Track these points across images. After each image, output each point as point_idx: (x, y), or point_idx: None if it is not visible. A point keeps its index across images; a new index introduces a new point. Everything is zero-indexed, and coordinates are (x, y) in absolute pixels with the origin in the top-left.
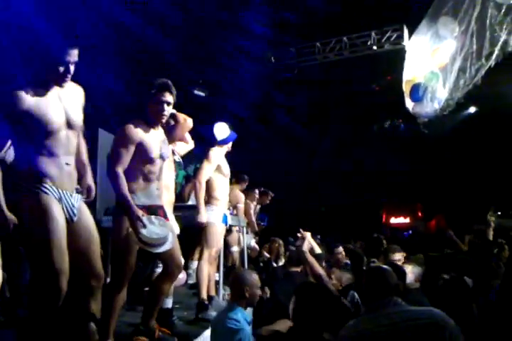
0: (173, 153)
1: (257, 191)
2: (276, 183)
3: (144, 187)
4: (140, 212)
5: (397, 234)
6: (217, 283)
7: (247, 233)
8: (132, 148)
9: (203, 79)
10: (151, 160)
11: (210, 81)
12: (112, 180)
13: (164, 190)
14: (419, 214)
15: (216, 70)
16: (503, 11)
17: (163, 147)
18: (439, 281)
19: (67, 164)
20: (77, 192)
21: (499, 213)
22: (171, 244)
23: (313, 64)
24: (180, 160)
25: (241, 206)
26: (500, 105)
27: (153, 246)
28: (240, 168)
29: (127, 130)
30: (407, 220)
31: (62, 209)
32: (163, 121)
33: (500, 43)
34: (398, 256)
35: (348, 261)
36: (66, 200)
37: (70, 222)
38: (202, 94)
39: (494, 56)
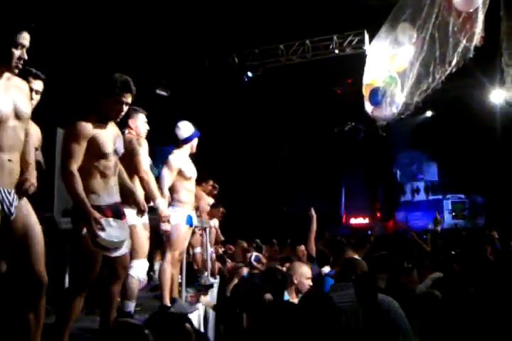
0: None
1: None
2: (238, 184)
3: (104, 184)
4: (98, 214)
5: (358, 234)
6: (180, 285)
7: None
8: (84, 144)
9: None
10: (105, 156)
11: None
12: (65, 179)
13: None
14: (378, 214)
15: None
16: (462, 18)
17: (117, 142)
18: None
19: (9, 160)
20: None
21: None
22: (127, 247)
23: (277, 66)
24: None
25: (204, 207)
26: (456, 109)
27: (110, 250)
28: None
29: (78, 125)
30: (366, 221)
31: None
32: (118, 120)
33: (460, 50)
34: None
35: None
36: (3, 197)
37: (6, 219)
38: (164, 93)
39: (455, 62)
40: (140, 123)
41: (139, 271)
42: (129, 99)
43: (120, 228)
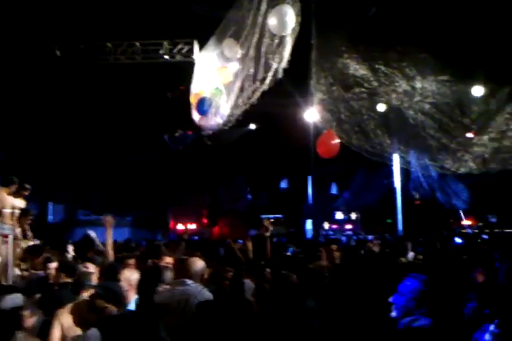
0: None
1: None
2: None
3: None
4: None
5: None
6: None
7: None
8: None
9: None
10: None
11: None
12: None
13: None
14: (205, 220)
15: None
16: (276, 41)
17: None
18: None
19: None
20: None
21: (272, 220)
22: None
23: (104, 64)
24: None
25: (7, 211)
26: (276, 124)
27: None
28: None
29: None
30: (194, 226)
31: None
32: None
33: (272, 70)
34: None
35: None
36: None
37: None
38: None
39: (267, 81)
40: None
41: None
42: None
43: None
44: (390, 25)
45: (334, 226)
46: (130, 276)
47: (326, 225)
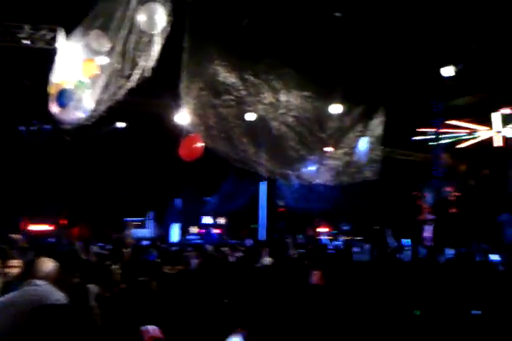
0: None
1: None
2: None
3: None
4: None
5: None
6: None
7: None
8: None
9: None
10: None
11: None
12: None
13: None
14: (64, 221)
15: None
16: (145, 39)
17: None
18: None
19: None
20: None
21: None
22: None
23: None
24: None
25: None
26: (147, 125)
27: None
28: None
29: None
30: (51, 227)
31: None
32: None
33: (139, 68)
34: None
35: None
36: None
37: None
38: None
39: (134, 78)
40: None
41: None
42: None
43: None
44: (261, 38)
45: (202, 231)
46: None
47: (194, 229)
